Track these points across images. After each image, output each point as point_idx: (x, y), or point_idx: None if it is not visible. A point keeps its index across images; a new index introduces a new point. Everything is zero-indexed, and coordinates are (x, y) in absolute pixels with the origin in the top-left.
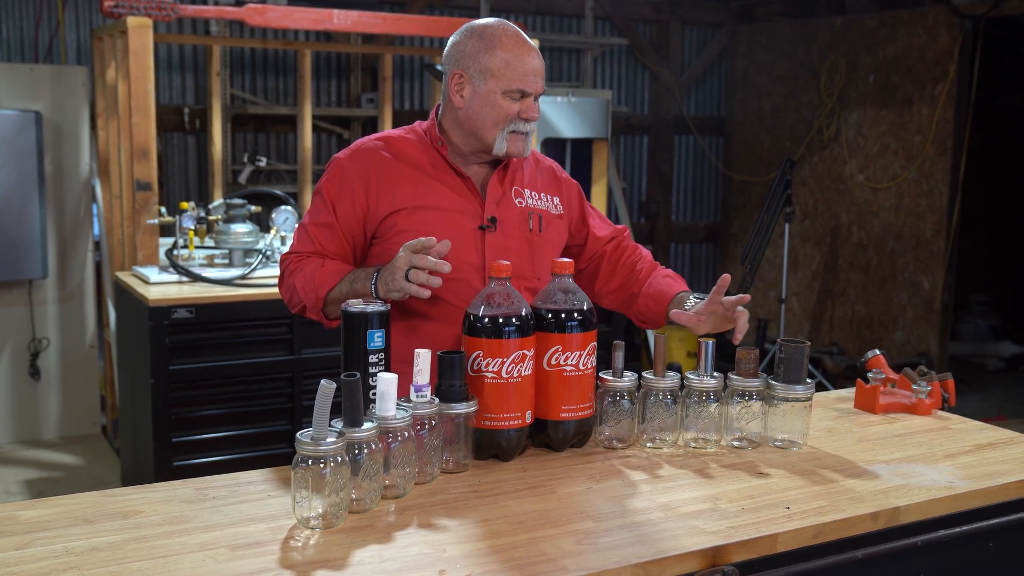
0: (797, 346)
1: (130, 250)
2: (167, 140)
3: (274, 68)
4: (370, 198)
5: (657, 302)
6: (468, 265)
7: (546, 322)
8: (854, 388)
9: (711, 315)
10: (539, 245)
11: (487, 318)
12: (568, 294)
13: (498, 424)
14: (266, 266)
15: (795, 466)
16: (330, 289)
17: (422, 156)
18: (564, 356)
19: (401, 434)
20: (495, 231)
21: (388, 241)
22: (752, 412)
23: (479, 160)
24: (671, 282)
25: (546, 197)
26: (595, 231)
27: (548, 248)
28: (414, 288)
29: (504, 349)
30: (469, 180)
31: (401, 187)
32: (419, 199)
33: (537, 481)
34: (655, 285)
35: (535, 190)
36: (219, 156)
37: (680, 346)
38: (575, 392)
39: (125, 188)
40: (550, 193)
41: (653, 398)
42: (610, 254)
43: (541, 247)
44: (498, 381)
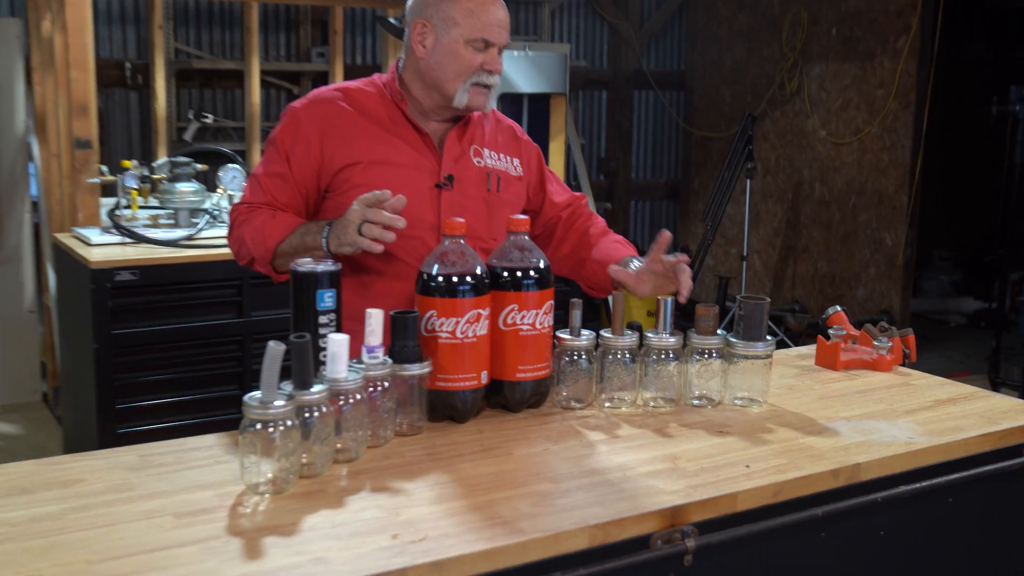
0: (756, 303)
1: (70, 211)
2: (108, 96)
3: (220, 21)
4: (325, 150)
5: (604, 266)
6: (423, 223)
7: (502, 280)
8: (815, 345)
9: (652, 275)
10: (497, 206)
11: (441, 277)
12: (524, 252)
13: (453, 385)
14: (213, 226)
15: (755, 424)
16: (280, 241)
17: (380, 110)
18: (520, 315)
19: (353, 396)
20: (452, 189)
21: (342, 195)
22: (712, 370)
23: (439, 117)
24: (619, 247)
25: (505, 158)
26: (552, 196)
27: (506, 209)
28: (366, 243)
29: (458, 308)
30: (427, 137)
31: (357, 140)
32: (375, 153)
33: (493, 443)
34: (603, 250)
35: (495, 150)
36: (163, 113)
37: (640, 305)
38: (532, 352)
39: (63, 146)
40: (510, 154)
41: (611, 357)
42: (565, 220)
43: (499, 208)
44: (452, 341)
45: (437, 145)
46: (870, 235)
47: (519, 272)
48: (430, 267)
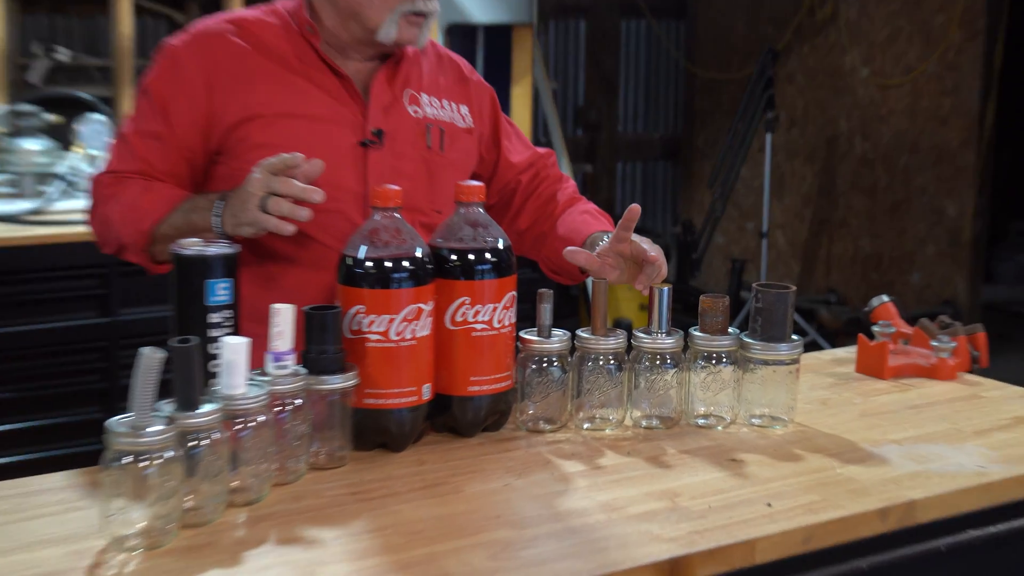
0: (779, 293)
1: None
2: None
3: None
4: (215, 100)
5: (567, 244)
6: (345, 192)
7: (449, 265)
8: (855, 347)
9: (619, 257)
10: (440, 168)
11: (370, 261)
12: (478, 228)
13: (386, 402)
14: (69, 197)
15: (778, 450)
16: (158, 222)
17: (286, 46)
18: (473, 310)
19: (254, 418)
20: (382, 148)
21: (238, 159)
22: (721, 380)
23: (361, 55)
24: (588, 219)
25: (451, 105)
26: (509, 155)
27: (452, 172)
28: (272, 222)
29: (393, 302)
30: (348, 80)
31: (257, 86)
32: (281, 103)
33: (439, 477)
34: (568, 223)
35: (436, 95)
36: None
37: (631, 296)
38: (488, 358)
39: None
40: (456, 100)
41: (591, 364)
42: (525, 186)
43: (443, 170)
44: (385, 345)
45: (361, 91)
46: (927, 204)
47: (471, 255)
48: (356, 249)
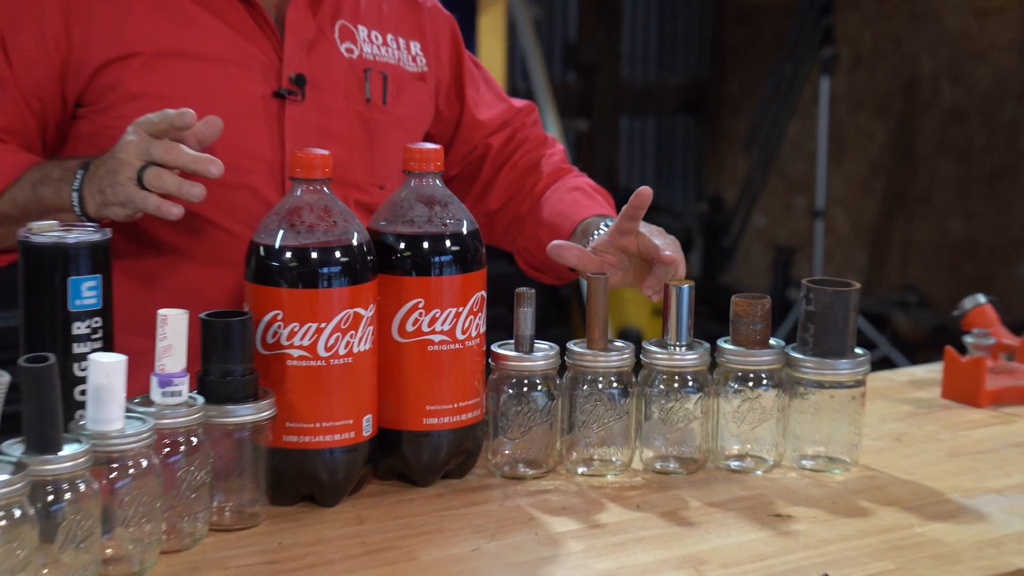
0: (838, 292)
1: None
2: None
3: None
4: (73, 31)
5: (552, 233)
6: (255, 160)
7: (396, 257)
8: (942, 364)
9: (621, 254)
10: (383, 127)
11: (289, 251)
12: (435, 207)
13: (313, 440)
14: None
15: (838, 502)
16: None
17: None
18: (430, 317)
19: (135, 463)
20: (303, 100)
21: (107, 114)
22: (761, 409)
23: None
24: (580, 199)
25: (397, 42)
26: (475, 110)
27: (399, 132)
28: (152, 202)
29: (321, 306)
30: (257, 7)
31: (133, 14)
32: (165, 38)
33: (384, 540)
34: (554, 204)
35: (378, 29)
36: None
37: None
38: (450, 380)
39: None
40: (404, 35)
41: (588, 388)
42: (497, 152)
43: (387, 131)
44: (312, 363)
45: (275, 22)
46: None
47: (426, 242)
48: (270, 236)
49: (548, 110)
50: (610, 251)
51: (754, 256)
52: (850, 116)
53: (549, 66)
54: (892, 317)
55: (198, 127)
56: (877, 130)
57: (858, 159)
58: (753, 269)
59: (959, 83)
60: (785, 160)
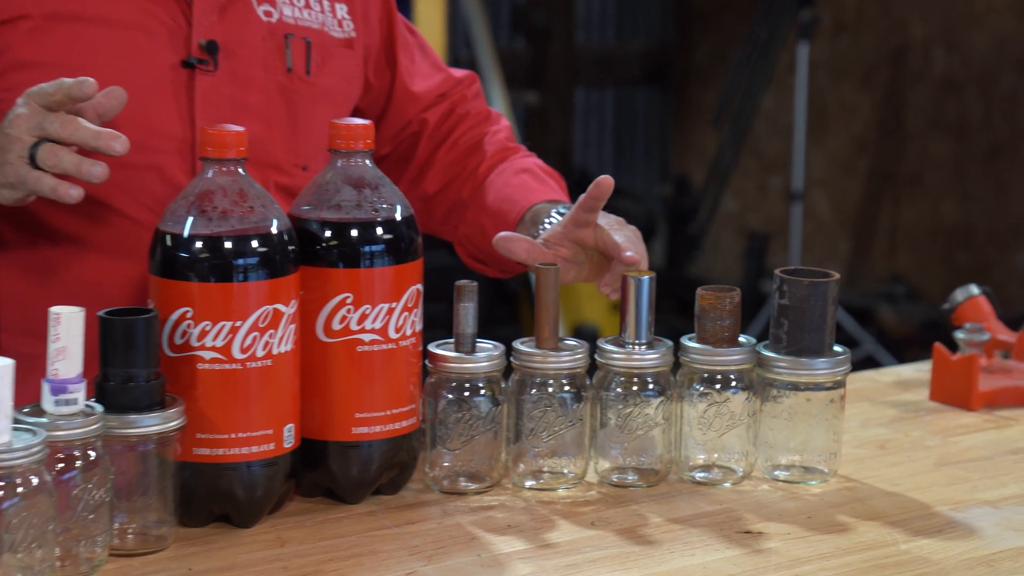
0: (815, 284)
1: None
2: None
3: None
4: None
5: (497, 220)
6: (162, 138)
7: (321, 247)
8: (931, 363)
9: (577, 247)
10: (306, 101)
11: (200, 240)
12: (364, 190)
13: (228, 453)
14: None
15: (815, 516)
16: None
17: None
18: (359, 313)
19: (24, 481)
20: (215, 71)
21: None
22: (730, 414)
23: None
24: (529, 182)
25: (321, 4)
26: (409, 80)
27: (324, 107)
28: (48, 183)
29: (236, 302)
30: None
31: None
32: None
33: (309, 565)
34: (499, 188)
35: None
36: None
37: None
38: (382, 384)
39: None
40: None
41: (537, 392)
42: (433, 128)
43: (310, 105)
44: (227, 367)
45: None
46: None
47: (355, 230)
48: (178, 223)
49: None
50: (564, 244)
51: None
52: (832, 87)
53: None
54: (877, 311)
55: (98, 99)
56: (862, 103)
57: (840, 135)
58: (723, 258)
59: (953, 50)
60: (759, 137)
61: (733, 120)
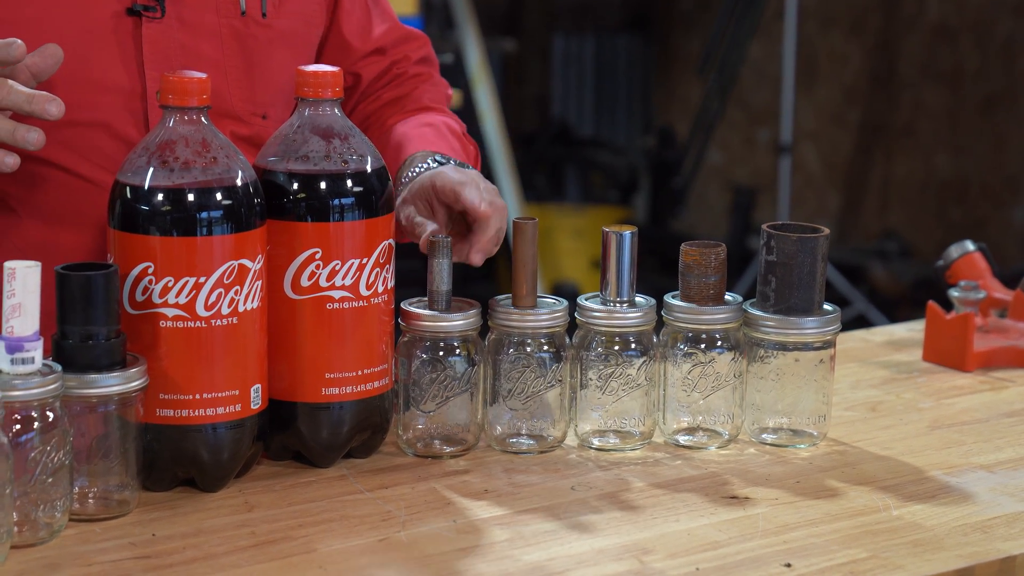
0: (804, 239)
1: None
2: None
3: None
4: None
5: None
6: (109, 92)
7: (289, 199)
8: (924, 322)
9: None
10: (263, 46)
11: (161, 192)
12: (333, 140)
13: (192, 415)
14: None
15: (803, 481)
16: None
17: None
18: (329, 269)
19: None
20: (162, 17)
21: None
22: (715, 375)
23: None
24: (427, 134)
25: None
26: (344, 27)
27: (283, 51)
28: None
29: (200, 257)
30: None
31: None
32: None
33: (277, 530)
34: (397, 137)
35: None
36: None
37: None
38: (353, 343)
39: None
40: None
41: (514, 352)
42: (367, 87)
43: (268, 50)
44: (191, 324)
45: None
46: None
47: (324, 182)
48: (139, 174)
49: (468, 28)
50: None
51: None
52: (821, 35)
53: None
54: (869, 269)
55: (32, 59)
56: (852, 51)
57: (830, 85)
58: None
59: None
60: (746, 86)
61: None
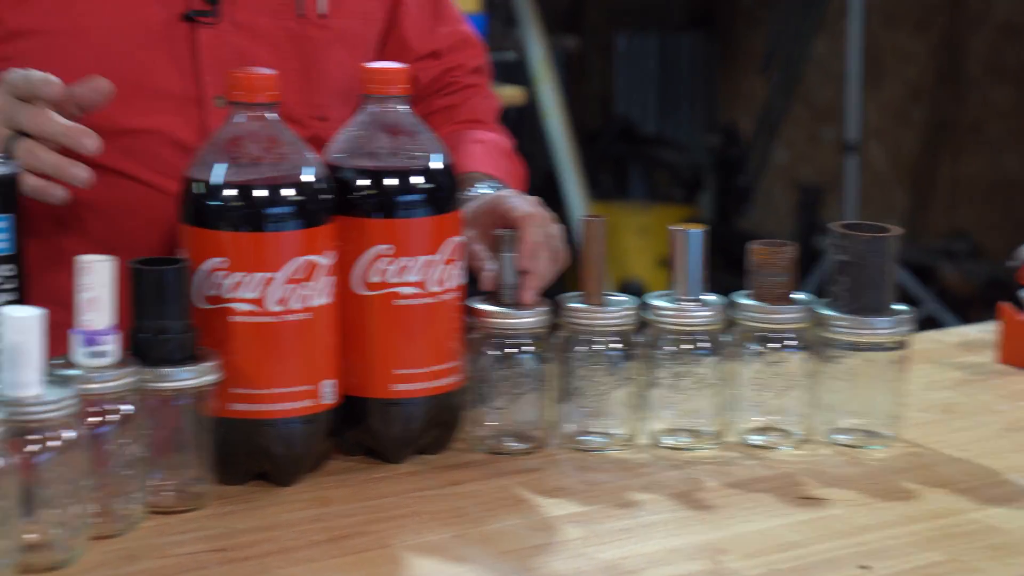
0: (874, 240)
1: None
2: None
3: None
4: None
5: None
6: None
7: (357, 196)
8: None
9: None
10: (322, 47)
11: (232, 188)
12: (401, 137)
13: (265, 409)
14: None
15: (878, 483)
16: None
17: None
18: (398, 266)
19: (57, 436)
20: (219, 22)
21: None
22: (787, 375)
23: None
24: (478, 152)
25: None
26: (407, 28)
27: (340, 51)
28: (28, 183)
29: (270, 253)
30: None
31: None
32: None
33: (350, 526)
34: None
35: None
36: None
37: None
38: (423, 340)
39: None
40: None
41: (585, 350)
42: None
43: (326, 51)
44: (262, 319)
45: None
46: None
47: (393, 179)
48: (209, 170)
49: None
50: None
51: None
52: (886, 31)
53: None
54: (938, 268)
55: (79, 91)
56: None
57: (896, 83)
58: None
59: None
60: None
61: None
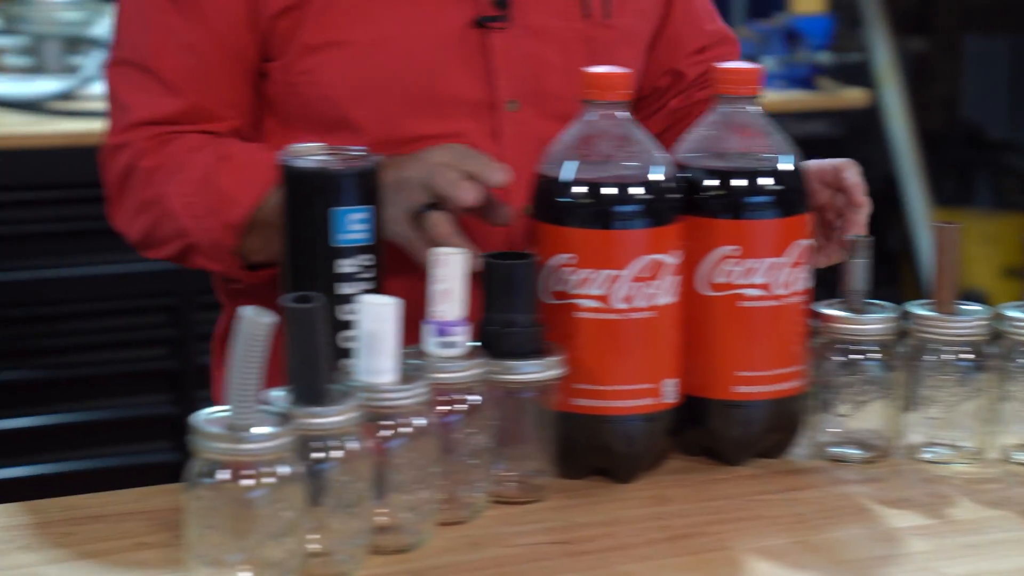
0: None
1: None
2: None
3: None
4: None
5: None
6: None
7: (704, 196)
8: None
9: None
10: (609, 47)
11: (583, 185)
12: (748, 138)
13: (607, 405)
14: None
15: None
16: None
17: None
18: (744, 267)
19: (408, 423)
20: (511, 26)
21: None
22: None
23: None
24: None
25: None
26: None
27: (626, 50)
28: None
29: (617, 251)
30: None
31: None
32: None
33: (689, 526)
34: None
35: None
36: None
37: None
38: (767, 342)
39: None
40: None
41: (933, 359)
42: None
43: (613, 51)
44: (607, 316)
45: None
46: None
47: (743, 180)
48: (558, 166)
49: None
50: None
51: None
52: None
53: None
54: None
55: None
56: None
57: None
58: None
59: None
60: None
61: None
